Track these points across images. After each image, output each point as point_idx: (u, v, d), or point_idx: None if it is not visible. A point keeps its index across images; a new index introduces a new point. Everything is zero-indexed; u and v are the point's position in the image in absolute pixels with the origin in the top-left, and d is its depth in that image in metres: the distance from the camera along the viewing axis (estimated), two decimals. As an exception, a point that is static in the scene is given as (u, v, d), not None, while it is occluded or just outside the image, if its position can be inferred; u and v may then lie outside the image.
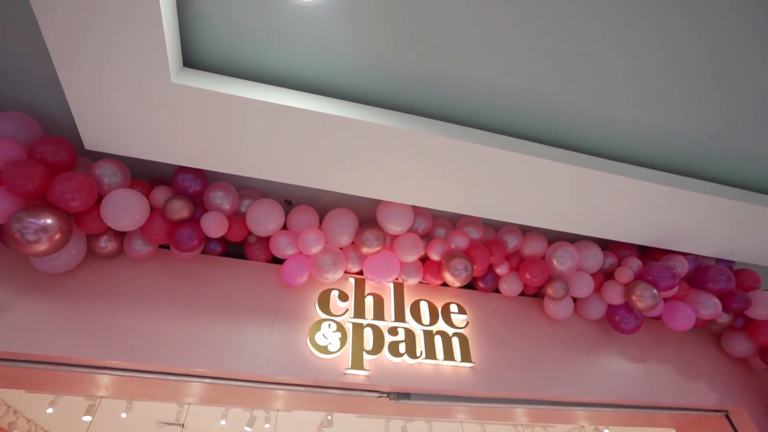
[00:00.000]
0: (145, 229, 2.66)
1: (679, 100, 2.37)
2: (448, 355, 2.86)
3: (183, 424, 6.76)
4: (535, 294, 3.57)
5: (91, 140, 2.42)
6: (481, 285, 3.38)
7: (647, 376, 3.31)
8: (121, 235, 2.78)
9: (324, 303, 2.87)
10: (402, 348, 2.80)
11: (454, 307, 3.14)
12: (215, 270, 2.94)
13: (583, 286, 3.24)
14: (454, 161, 2.44)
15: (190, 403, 5.71)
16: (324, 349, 2.65)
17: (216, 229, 2.72)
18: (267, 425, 6.03)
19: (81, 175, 2.39)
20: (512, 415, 3.33)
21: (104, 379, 2.62)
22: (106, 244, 2.72)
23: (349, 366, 2.64)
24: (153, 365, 2.47)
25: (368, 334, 2.83)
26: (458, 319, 3.10)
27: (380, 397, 2.80)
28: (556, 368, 3.12)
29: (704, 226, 3.09)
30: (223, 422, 5.87)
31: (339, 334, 2.73)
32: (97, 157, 2.69)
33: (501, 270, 3.30)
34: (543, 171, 2.51)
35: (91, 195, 2.42)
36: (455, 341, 2.95)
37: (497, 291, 3.47)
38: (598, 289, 3.40)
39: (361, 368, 2.63)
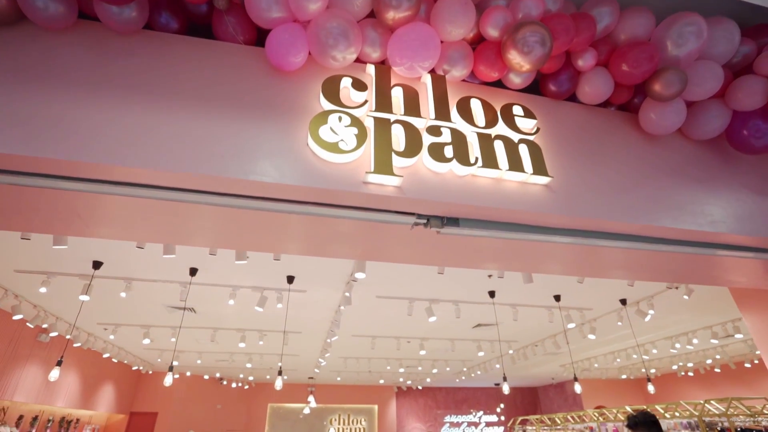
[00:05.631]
0: (40, -41, 1.66)
1: None
2: (515, 164, 1.97)
3: (193, 308, 6.40)
4: (623, 107, 2.59)
5: None
6: (552, 88, 2.39)
7: (776, 211, 2.42)
8: (11, -17, 1.79)
9: (331, 91, 1.94)
10: (449, 152, 1.90)
11: (518, 109, 2.18)
12: (169, 52, 1.98)
13: (709, 80, 2.22)
14: None
15: (190, 283, 5.19)
16: (333, 147, 1.76)
17: (154, -37, 1.71)
18: (279, 305, 5.55)
19: None
20: (596, 258, 2.51)
21: (14, 190, 1.80)
22: (-11, -6, 1.75)
23: (372, 169, 1.76)
24: (74, 163, 1.63)
25: (398, 132, 1.92)
26: (525, 123, 2.16)
27: (416, 224, 1.97)
28: (659, 195, 2.23)
29: None
30: (231, 302, 5.38)
31: (355, 130, 1.83)
32: None
33: (584, 61, 2.28)
34: None
35: None
36: (523, 149, 2.05)
37: (572, 100, 2.50)
38: (720, 93, 2.39)
39: (390, 173, 1.76)
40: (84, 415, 9.69)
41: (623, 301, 6.04)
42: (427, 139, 1.91)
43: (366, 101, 1.95)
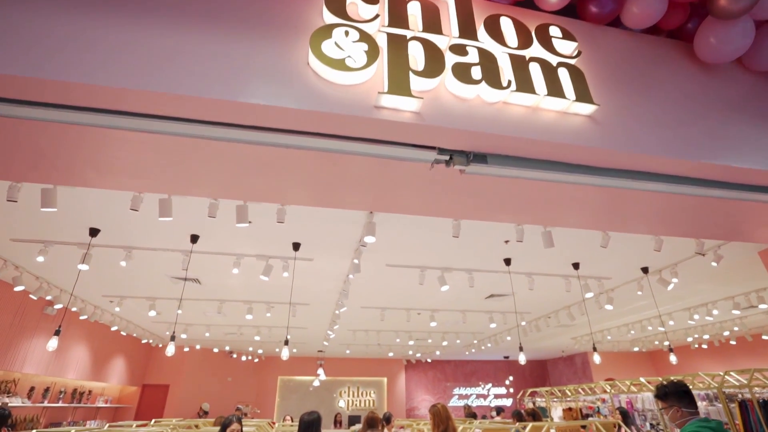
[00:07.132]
0: None
1: None
2: (555, 90, 1.66)
3: (197, 279, 6.24)
4: (673, 34, 2.25)
5: None
6: (593, 10, 2.05)
7: None
8: None
9: (336, 5, 1.62)
10: (476, 73, 1.60)
11: (555, 30, 1.86)
12: (145, -39, 1.67)
13: (784, -9, 1.87)
14: None
15: (191, 251, 4.98)
16: (339, 64, 1.47)
17: None
18: (285, 274, 5.35)
19: None
20: (631, 207, 2.21)
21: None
22: None
23: (385, 89, 1.47)
24: (45, 86, 1.36)
25: (416, 52, 1.62)
26: (565, 46, 1.84)
27: (437, 161, 1.68)
28: (719, 131, 1.92)
29: None
30: (235, 270, 5.18)
31: (364, 46, 1.53)
32: None
33: (634, -25, 1.93)
34: None
35: None
36: (563, 73, 1.73)
37: (616, 26, 2.16)
38: (792, 11, 2.03)
39: (407, 94, 1.46)
40: (96, 387, 9.76)
41: (645, 270, 5.75)
42: (451, 59, 1.61)
43: (377, 15, 1.63)
